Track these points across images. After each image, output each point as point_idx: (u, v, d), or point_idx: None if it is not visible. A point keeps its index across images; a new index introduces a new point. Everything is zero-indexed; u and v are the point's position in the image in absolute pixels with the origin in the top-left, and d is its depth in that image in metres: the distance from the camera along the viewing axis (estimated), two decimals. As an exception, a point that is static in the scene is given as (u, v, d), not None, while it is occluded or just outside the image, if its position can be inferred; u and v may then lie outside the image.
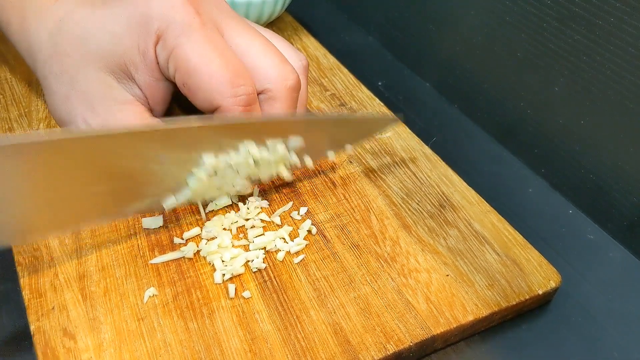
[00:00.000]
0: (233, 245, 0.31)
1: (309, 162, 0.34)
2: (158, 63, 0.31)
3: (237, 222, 0.32)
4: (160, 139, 0.29)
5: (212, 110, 0.31)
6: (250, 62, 0.32)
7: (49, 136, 0.26)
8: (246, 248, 0.31)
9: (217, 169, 0.31)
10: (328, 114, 0.40)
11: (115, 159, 0.28)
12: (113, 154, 0.28)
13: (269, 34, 0.34)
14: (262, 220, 0.33)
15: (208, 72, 0.30)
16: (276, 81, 0.32)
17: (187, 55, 0.30)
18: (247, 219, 0.33)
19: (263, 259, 0.31)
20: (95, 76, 0.31)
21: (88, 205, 0.30)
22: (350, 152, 0.36)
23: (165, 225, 0.32)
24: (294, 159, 0.33)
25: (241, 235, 0.32)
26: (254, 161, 0.32)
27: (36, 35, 0.32)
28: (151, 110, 0.33)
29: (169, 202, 0.31)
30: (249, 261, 0.30)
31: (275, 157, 0.32)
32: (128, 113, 0.31)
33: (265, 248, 0.31)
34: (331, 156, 0.35)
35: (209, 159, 0.30)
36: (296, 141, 0.32)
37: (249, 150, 0.31)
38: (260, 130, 0.31)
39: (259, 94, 0.32)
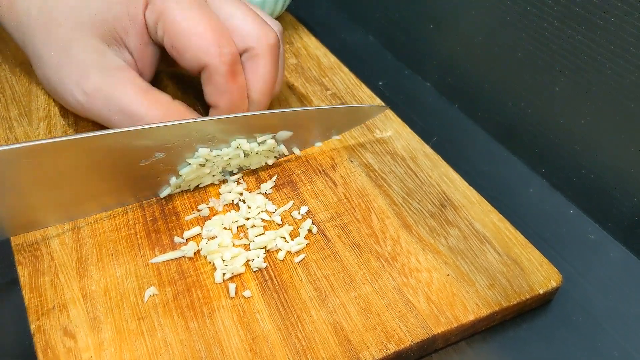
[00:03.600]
0: (233, 245, 0.31)
1: (297, 151, 0.37)
2: (147, 27, 0.33)
3: (237, 221, 0.32)
4: (159, 135, 0.30)
5: (199, 70, 0.33)
6: (234, 25, 0.34)
7: (51, 139, 0.28)
8: (247, 247, 0.31)
9: (208, 158, 0.33)
10: (316, 106, 0.41)
11: (114, 157, 0.30)
12: (113, 151, 0.30)
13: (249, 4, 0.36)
14: (262, 220, 0.33)
15: (195, 33, 0.32)
16: (258, 39, 0.34)
17: (175, 18, 0.32)
18: (248, 218, 0.32)
19: (264, 258, 0.30)
20: (88, 43, 0.33)
21: (87, 200, 0.31)
22: (339, 138, 0.38)
23: (165, 225, 0.32)
24: (283, 149, 0.36)
25: (242, 234, 0.32)
26: (244, 153, 0.34)
27: (26, 11, 0.34)
28: (141, 75, 0.34)
29: (165, 192, 0.33)
30: (249, 260, 0.30)
31: (265, 149, 0.34)
32: (121, 78, 0.33)
33: (265, 247, 0.31)
34: (318, 145, 0.38)
35: (203, 151, 0.32)
36: (285, 134, 0.35)
37: (240, 144, 0.33)
38: (251, 126, 0.33)
39: (242, 53, 0.34)
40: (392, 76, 0.50)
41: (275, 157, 0.36)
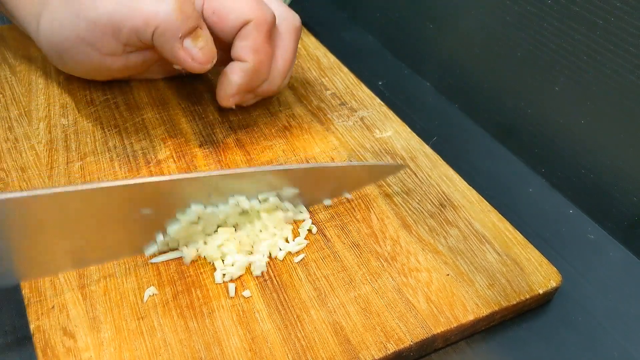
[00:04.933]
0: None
1: (303, 212, 0.33)
2: None
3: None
4: (148, 191, 0.28)
5: (238, 30, 0.34)
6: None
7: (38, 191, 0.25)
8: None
9: (202, 216, 0.29)
10: (330, 163, 0.37)
11: (103, 212, 0.27)
12: (102, 205, 0.27)
13: None
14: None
15: None
16: (285, 19, 0.36)
17: None
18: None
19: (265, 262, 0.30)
20: None
21: (90, 250, 0.29)
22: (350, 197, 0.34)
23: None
24: (289, 208, 0.32)
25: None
26: (243, 211, 0.31)
27: None
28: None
29: (150, 250, 0.30)
30: (250, 263, 0.30)
31: (266, 207, 0.31)
32: None
33: (270, 254, 0.31)
34: (327, 203, 0.34)
35: (196, 207, 0.29)
36: (290, 192, 0.31)
37: (238, 202, 0.30)
38: (254, 184, 0.30)
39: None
40: (392, 76, 0.50)
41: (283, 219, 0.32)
